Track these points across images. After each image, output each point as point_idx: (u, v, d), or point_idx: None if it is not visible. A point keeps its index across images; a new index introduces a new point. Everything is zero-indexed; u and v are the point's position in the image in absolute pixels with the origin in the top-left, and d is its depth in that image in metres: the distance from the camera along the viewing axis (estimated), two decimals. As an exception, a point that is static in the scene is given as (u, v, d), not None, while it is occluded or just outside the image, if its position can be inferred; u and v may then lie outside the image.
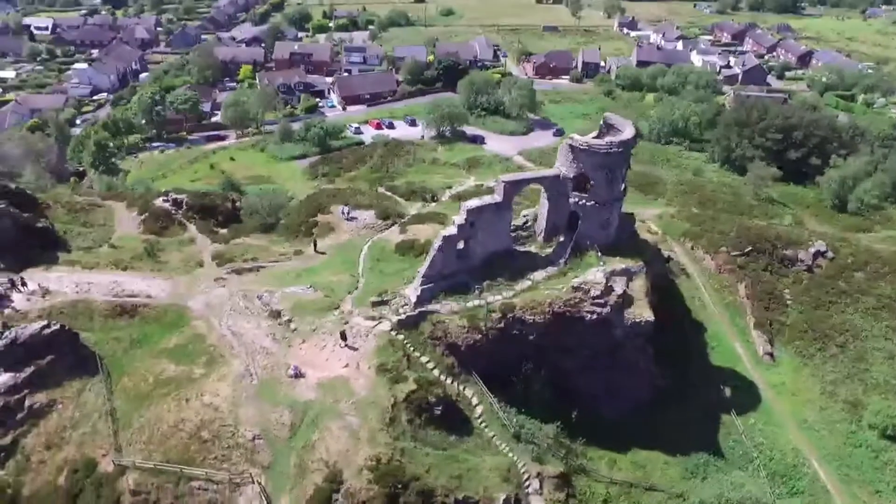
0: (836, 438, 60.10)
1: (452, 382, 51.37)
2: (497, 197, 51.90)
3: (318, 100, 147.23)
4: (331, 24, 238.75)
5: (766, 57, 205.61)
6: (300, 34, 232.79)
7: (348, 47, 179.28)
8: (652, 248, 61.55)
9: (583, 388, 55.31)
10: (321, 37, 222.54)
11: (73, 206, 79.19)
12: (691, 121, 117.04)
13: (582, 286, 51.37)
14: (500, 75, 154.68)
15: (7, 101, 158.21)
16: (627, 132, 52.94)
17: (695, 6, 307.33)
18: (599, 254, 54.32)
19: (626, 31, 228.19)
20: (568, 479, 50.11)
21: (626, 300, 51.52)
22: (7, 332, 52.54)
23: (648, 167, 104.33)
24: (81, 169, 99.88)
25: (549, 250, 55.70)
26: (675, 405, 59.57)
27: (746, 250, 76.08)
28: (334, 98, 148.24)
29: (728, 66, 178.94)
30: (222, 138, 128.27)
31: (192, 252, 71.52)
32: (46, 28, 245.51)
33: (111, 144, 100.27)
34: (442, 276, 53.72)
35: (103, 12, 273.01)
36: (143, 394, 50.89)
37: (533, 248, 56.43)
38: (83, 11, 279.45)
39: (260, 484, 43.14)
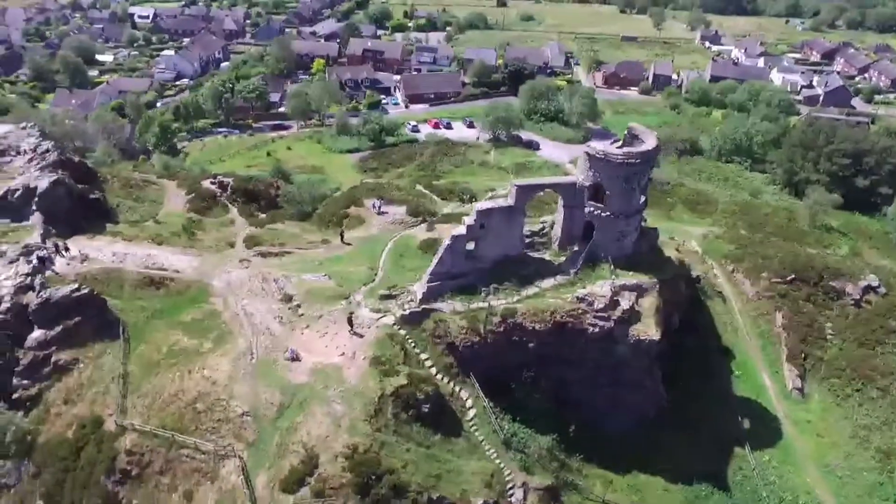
0: (860, 488, 55.86)
1: (448, 382, 51.10)
2: (509, 200, 51.29)
3: (383, 96, 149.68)
4: (410, 24, 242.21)
5: (856, 78, 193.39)
6: (379, 32, 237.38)
7: (419, 47, 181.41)
8: (676, 266, 59.11)
9: (586, 402, 53.82)
10: (398, 35, 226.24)
11: (129, 181, 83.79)
12: (755, 140, 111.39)
13: (586, 297, 49.99)
14: (566, 82, 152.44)
15: (100, 83, 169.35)
16: (649, 143, 51.08)
17: (787, 22, 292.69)
18: (612, 266, 52.73)
19: (707, 44, 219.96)
20: (556, 493, 48.92)
21: (633, 316, 49.73)
22: (42, 292, 56.40)
23: (702, 185, 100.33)
24: (150, 148, 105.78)
25: (563, 259, 54.51)
26: (685, 430, 56.98)
27: (789, 278, 71.85)
28: (399, 95, 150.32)
29: (810, 86, 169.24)
30: (286, 128, 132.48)
31: (229, 233, 74.25)
32: (148, 17, 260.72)
33: (174, 127, 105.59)
34: (450, 276, 53.56)
35: (200, 3, 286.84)
36: (154, 362, 53.30)
37: (547, 256, 55.37)
38: (182, 2, 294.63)
39: (241, 458, 44.34)
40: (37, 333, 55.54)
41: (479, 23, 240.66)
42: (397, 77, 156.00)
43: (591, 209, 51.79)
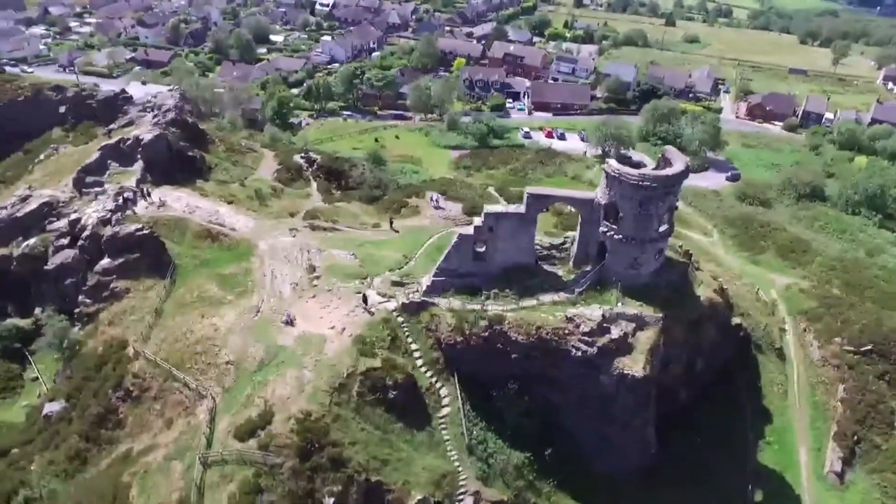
0: None
1: (431, 376, 51.31)
2: (521, 208, 50.37)
3: (509, 100, 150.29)
4: (567, 35, 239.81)
5: None
6: (536, 39, 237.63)
7: (560, 56, 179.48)
8: (704, 307, 54.15)
9: (574, 431, 51.46)
10: (551, 44, 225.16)
11: (233, 146, 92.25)
12: (891, 193, 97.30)
13: (574, 318, 47.74)
14: (703, 108, 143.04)
15: (262, 60, 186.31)
16: (674, 168, 47.60)
17: None
18: (620, 293, 49.86)
19: (891, 85, 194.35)
20: (506, 508, 47.48)
21: (622, 347, 46.68)
22: (115, 228, 64.45)
23: (810, 233, 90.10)
24: (266, 120, 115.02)
25: (573, 276, 52.46)
26: (683, 487, 52.55)
27: (865, 348, 63.17)
28: (525, 102, 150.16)
29: None
30: (407, 119, 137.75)
31: (298, 204, 79.48)
32: (328, 5, 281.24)
33: (292, 103, 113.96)
34: (457, 274, 53.68)
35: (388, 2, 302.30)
36: (185, 303, 58.94)
37: (560, 271, 53.52)
38: None
39: (214, 400, 47.98)
40: (104, 262, 63.63)
41: (638, 39, 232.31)
42: (528, 83, 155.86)
43: (605, 229, 49.29)
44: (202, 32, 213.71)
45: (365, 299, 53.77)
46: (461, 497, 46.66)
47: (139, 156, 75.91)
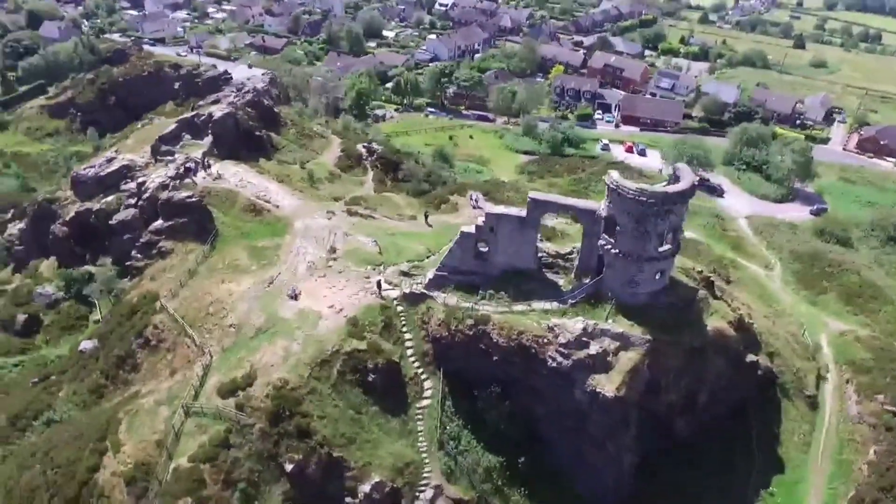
0: None
1: (417, 367, 52.05)
2: (522, 211, 49.94)
3: (599, 112, 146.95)
4: (681, 50, 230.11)
5: None
6: (648, 53, 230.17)
7: (661, 72, 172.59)
8: (709, 337, 50.81)
9: (555, 444, 50.42)
10: (662, 59, 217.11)
11: (304, 130, 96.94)
12: None
13: (555, 328, 46.67)
14: (804, 136, 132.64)
15: (368, 54, 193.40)
16: (675, 186, 45.26)
17: None
18: (614, 310, 48.18)
19: None
20: (466, 506, 47.32)
21: (600, 365, 45.09)
22: (170, 193, 70.10)
23: (886, 279, 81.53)
24: (343, 109, 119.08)
25: (571, 287, 51.31)
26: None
27: (909, 410, 57.09)
28: (615, 114, 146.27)
29: None
30: (489, 120, 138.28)
31: (347, 189, 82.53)
32: (447, 5, 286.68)
33: (369, 95, 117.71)
34: (459, 271, 54.02)
35: (500, 2, 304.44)
36: (215, 269, 63.23)
37: (562, 280, 52.47)
38: None
39: (211, 358, 51.40)
40: (157, 223, 69.53)
41: (757, 60, 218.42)
42: (620, 95, 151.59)
43: (604, 243, 47.77)
44: (320, 24, 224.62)
45: (379, 285, 55.28)
46: (422, 488, 47.17)
47: (210, 131, 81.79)
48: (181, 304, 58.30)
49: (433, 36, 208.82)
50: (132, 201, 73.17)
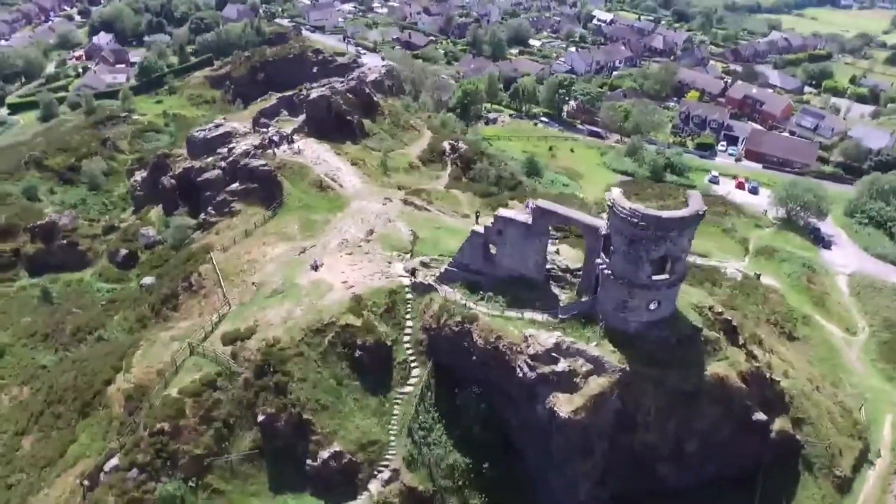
0: None
1: (410, 354, 52.89)
2: (529, 218, 49.14)
3: (723, 143, 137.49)
4: (847, 90, 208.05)
5: None
6: (808, 90, 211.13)
7: (805, 109, 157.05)
8: (714, 386, 46.54)
9: (524, 454, 49.46)
10: (821, 97, 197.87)
11: (398, 120, 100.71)
12: None
13: (528, 339, 45.41)
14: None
15: (506, 59, 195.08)
16: (679, 212, 42.04)
17: None
18: (602, 334, 46.00)
19: None
20: (420, 499, 47.58)
21: (564, 383, 43.32)
22: (248, 160, 76.52)
23: None
24: (448, 107, 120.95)
25: (569, 302, 49.66)
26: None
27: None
28: (739, 147, 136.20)
29: None
30: (601, 137, 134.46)
31: (417, 181, 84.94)
32: (606, 21, 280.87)
33: (470, 98, 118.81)
34: (468, 270, 54.18)
35: (663, 22, 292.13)
36: (268, 232, 68.53)
37: (564, 295, 50.93)
38: (650, 17, 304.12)
39: (229, 309, 55.97)
40: (234, 185, 76.26)
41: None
42: (749, 128, 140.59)
43: (600, 262, 45.72)
44: (466, 28, 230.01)
45: (413, 272, 56.59)
46: (381, 469, 48.22)
47: (304, 109, 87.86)
48: (225, 259, 63.85)
49: (572, 49, 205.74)
50: (221, 163, 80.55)
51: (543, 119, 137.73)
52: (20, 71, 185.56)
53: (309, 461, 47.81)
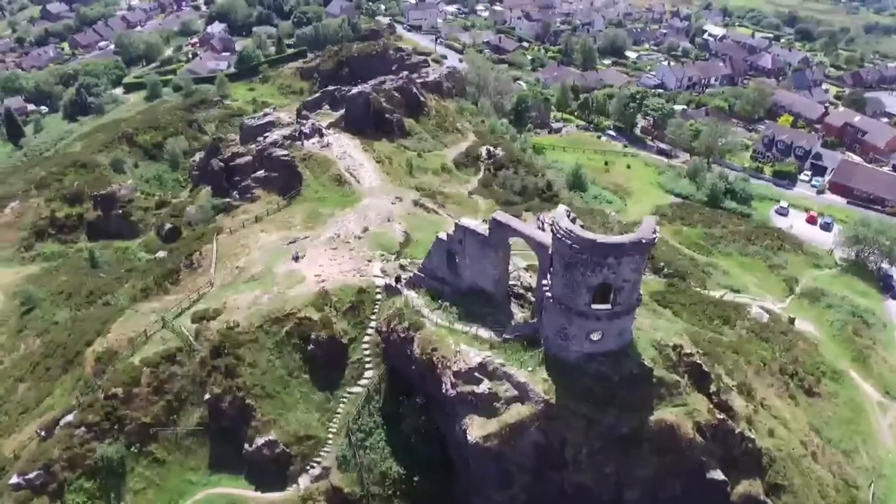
0: None
1: (367, 354, 52.34)
2: (486, 230, 46.93)
3: (807, 172, 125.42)
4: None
5: None
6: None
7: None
8: (660, 436, 42.07)
9: (458, 471, 47.56)
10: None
11: (443, 122, 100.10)
12: None
13: (458, 353, 43.20)
14: None
15: (596, 70, 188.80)
16: (617, 238, 38.20)
17: None
18: (540, 360, 43.08)
19: None
20: (344, 500, 46.95)
21: (482, 407, 40.86)
22: (273, 150, 78.74)
23: None
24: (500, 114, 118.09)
25: (520, 322, 46.96)
26: None
27: None
28: (824, 179, 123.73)
29: None
30: (670, 156, 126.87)
31: (441, 184, 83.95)
32: (716, 37, 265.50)
33: (524, 105, 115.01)
34: (434, 276, 52.69)
35: (779, 43, 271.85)
36: (275, 220, 70.33)
37: (521, 314, 48.26)
38: (770, 35, 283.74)
39: (210, 288, 57.90)
40: (259, 172, 78.79)
41: None
42: (840, 158, 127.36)
43: (545, 282, 42.78)
44: (562, 34, 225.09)
45: (398, 279, 56.05)
46: (313, 465, 48.16)
47: (343, 106, 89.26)
48: (226, 242, 66.10)
49: (664, 63, 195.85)
50: (252, 151, 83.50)
51: (610, 133, 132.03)
52: (142, 54, 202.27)
53: (246, 445, 48.54)
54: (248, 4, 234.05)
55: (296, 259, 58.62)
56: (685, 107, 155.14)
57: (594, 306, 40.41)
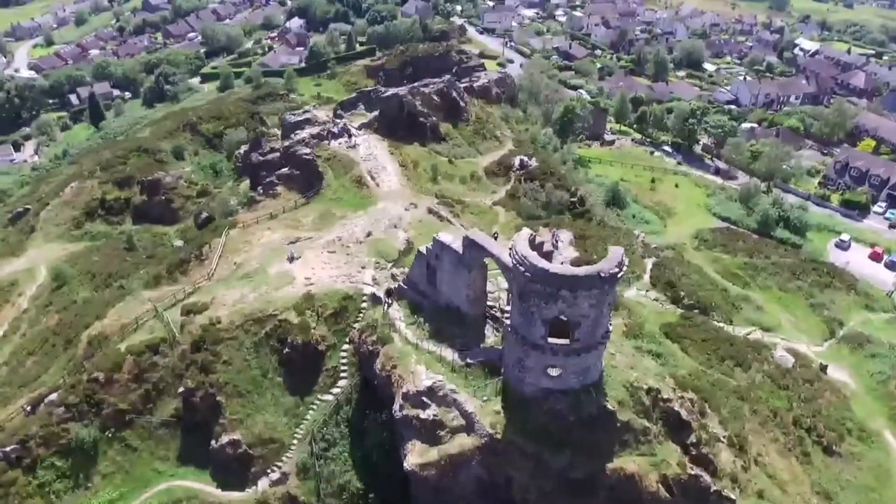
0: None
1: (343, 363, 51.39)
2: (459, 247, 44.75)
3: (882, 203, 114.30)
4: None
5: None
6: None
7: None
8: (619, 484, 38.51)
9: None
10: None
11: (481, 129, 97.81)
12: None
13: (412, 373, 41.18)
14: None
15: (666, 81, 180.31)
16: (572, 269, 34.95)
17: None
18: (497, 390, 40.57)
19: None
20: (298, 506, 46.27)
21: (425, 434, 38.55)
22: (297, 148, 79.12)
23: None
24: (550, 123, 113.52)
25: (490, 346, 44.49)
26: None
27: None
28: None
29: None
30: (730, 177, 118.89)
31: (464, 193, 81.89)
32: (807, 51, 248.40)
33: (570, 115, 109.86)
34: (416, 290, 51.10)
35: (877, 61, 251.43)
36: (286, 218, 70.47)
37: (494, 336, 45.78)
38: (871, 51, 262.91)
39: (208, 281, 58.60)
40: (283, 169, 79.42)
41: None
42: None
43: (508, 308, 40.21)
44: (635, 42, 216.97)
45: (388, 293, 54.80)
46: (273, 470, 47.68)
47: (377, 107, 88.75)
48: (235, 237, 66.81)
49: (740, 78, 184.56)
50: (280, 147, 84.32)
51: (666, 149, 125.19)
52: (223, 46, 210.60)
53: (213, 442, 48.67)
54: (328, 1, 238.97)
55: (291, 260, 58.41)
56: (755, 125, 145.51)
57: (552, 340, 37.62)
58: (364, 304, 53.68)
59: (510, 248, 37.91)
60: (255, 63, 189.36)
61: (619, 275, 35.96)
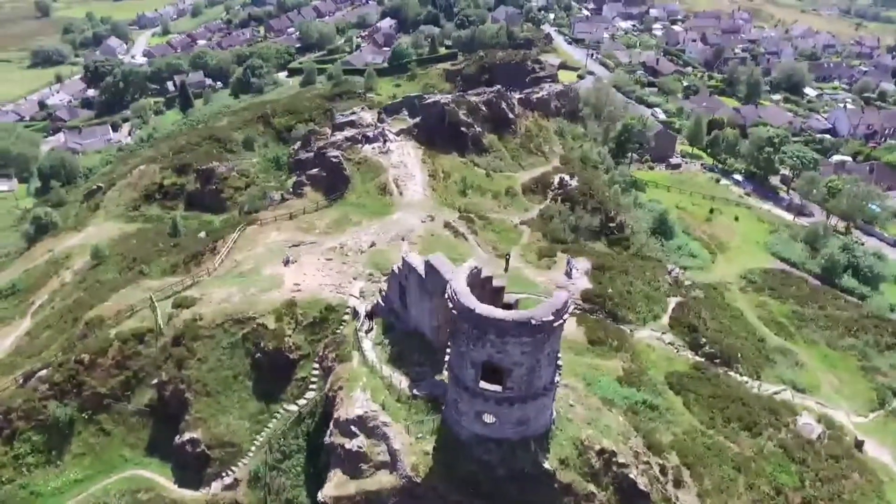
0: None
1: (315, 374, 50.16)
2: (422, 271, 42.12)
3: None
4: None
5: None
6: None
7: None
8: None
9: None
10: None
11: (528, 141, 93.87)
12: None
13: (351, 398, 38.86)
14: None
15: (767, 105, 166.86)
16: (500, 313, 31.17)
17: None
18: (435, 428, 37.64)
19: None
20: (245, 516, 45.53)
21: (349, 464, 36.33)
22: (326, 150, 78.76)
23: None
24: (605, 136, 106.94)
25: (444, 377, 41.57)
26: None
27: None
28: None
29: None
30: (799, 212, 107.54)
31: (492, 208, 78.59)
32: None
33: (628, 135, 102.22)
34: (391, 308, 49.04)
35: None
36: (304, 220, 70.20)
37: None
38: None
39: (207, 276, 59.19)
40: (313, 170, 79.43)
41: None
42: None
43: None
44: (717, 59, 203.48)
45: (370, 316, 53.02)
46: (227, 473, 47.21)
47: (419, 113, 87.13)
48: (247, 235, 67.28)
49: (843, 107, 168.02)
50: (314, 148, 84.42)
51: (736, 177, 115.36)
52: (315, 42, 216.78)
53: (176, 437, 48.84)
54: (420, 3, 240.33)
55: (286, 263, 57.91)
56: (849, 158, 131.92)
57: (484, 385, 34.41)
58: (346, 317, 52.15)
59: (452, 282, 34.93)
60: (339, 60, 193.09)
61: (557, 324, 32.22)
